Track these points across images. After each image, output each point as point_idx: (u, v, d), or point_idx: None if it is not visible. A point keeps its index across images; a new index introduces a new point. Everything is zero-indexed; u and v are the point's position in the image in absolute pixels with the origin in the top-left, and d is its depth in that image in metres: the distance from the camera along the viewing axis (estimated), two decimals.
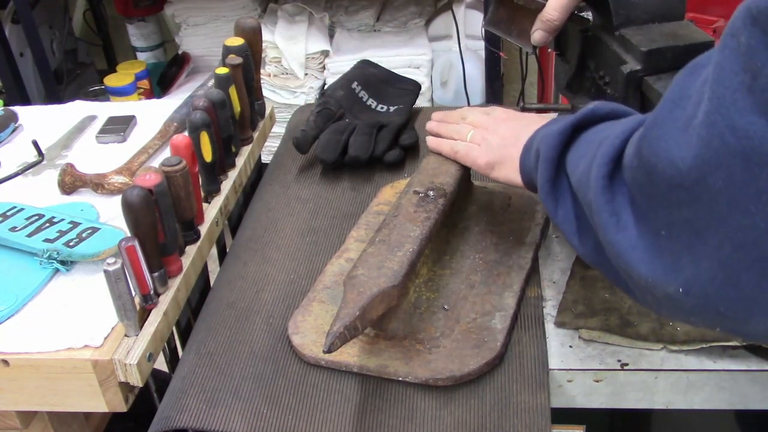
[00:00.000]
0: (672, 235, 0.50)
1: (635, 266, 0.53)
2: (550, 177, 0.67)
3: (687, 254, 0.49)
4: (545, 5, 0.88)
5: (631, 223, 0.53)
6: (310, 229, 0.96)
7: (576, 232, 0.64)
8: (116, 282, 0.71)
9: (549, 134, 0.68)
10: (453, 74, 2.23)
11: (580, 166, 0.62)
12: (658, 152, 0.49)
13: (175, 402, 0.72)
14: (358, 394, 0.71)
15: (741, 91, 0.43)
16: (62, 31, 2.52)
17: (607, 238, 0.55)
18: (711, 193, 0.45)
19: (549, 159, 0.67)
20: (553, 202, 0.67)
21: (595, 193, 0.56)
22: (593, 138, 0.63)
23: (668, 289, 0.51)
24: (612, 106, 0.67)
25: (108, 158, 1.06)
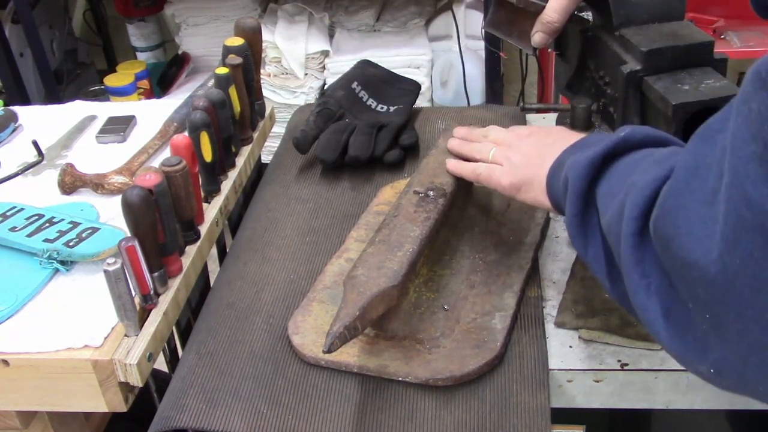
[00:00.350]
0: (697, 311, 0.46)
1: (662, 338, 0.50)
2: (578, 211, 0.63)
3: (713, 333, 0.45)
4: (545, 7, 0.88)
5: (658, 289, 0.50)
6: (310, 229, 0.96)
7: (607, 274, 0.60)
8: (116, 282, 0.71)
9: (578, 164, 0.63)
10: (453, 74, 2.23)
11: (610, 207, 0.58)
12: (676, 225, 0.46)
13: (175, 402, 0.72)
14: (358, 394, 0.71)
15: (753, 162, 0.40)
16: (62, 31, 2.52)
17: (635, 301, 0.52)
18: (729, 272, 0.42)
19: (578, 192, 0.63)
20: (582, 239, 0.63)
21: (625, 250, 0.52)
22: (626, 173, 0.59)
23: (699, 367, 0.48)
24: (644, 132, 0.63)
25: (108, 158, 1.06)
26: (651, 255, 0.50)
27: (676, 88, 0.81)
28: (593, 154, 0.62)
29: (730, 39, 2.10)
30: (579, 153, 0.66)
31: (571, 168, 0.64)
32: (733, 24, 2.15)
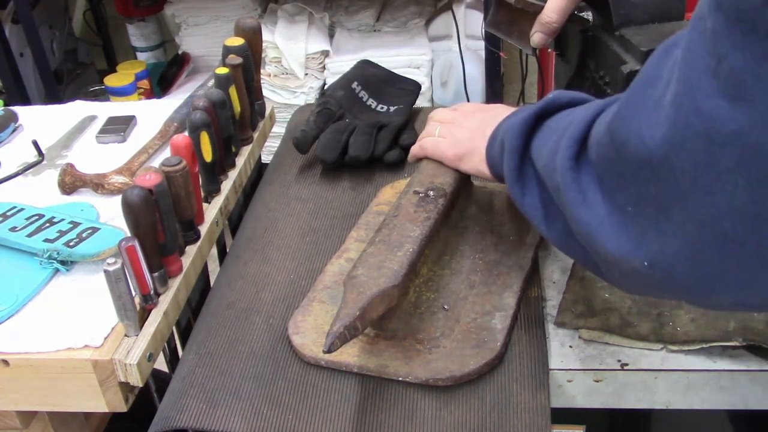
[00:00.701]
0: (638, 210, 0.51)
1: (603, 242, 0.54)
2: (515, 165, 0.69)
3: (653, 229, 0.50)
4: (543, 8, 0.88)
5: (597, 200, 0.55)
6: (310, 229, 0.96)
7: (543, 218, 0.66)
8: (116, 282, 0.71)
9: (513, 125, 0.70)
10: (453, 74, 2.23)
11: (544, 152, 0.64)
12: (629, 130, 0.50)
13: (175, 402, 0.72)
14: (358, 394, 0.71)
15: (707, 75, 0.44)
16: (62, 31, 2.52)
17: (574, 216, 0.57)
18: (676, 172, 0.47)
19: (514, 148, 0.69)
20: (520, 189, 0.69)
21: (562, 173, 0.58)
22: (556, 125, 0.65)
23: (634, 263, 0.52)
24: (572, 95, 0.70)
25: (108, 158, 1.06)
26: (586, 175, 0.56)
27: None
28: (526, 115, 0.69)
29: None
30: (513, 118, 0.73)
31: (507, 130, 0.72)
32: None
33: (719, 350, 0.74)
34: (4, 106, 1.21)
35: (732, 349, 0.74)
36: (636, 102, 0.51)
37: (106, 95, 2.37)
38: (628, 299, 0.80)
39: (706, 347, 0.74)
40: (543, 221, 0.66)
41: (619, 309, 0.79)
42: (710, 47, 0.44)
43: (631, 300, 0.79)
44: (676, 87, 0.46)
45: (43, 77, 2.26)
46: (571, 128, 0.59)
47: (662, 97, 0.48)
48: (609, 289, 0.81)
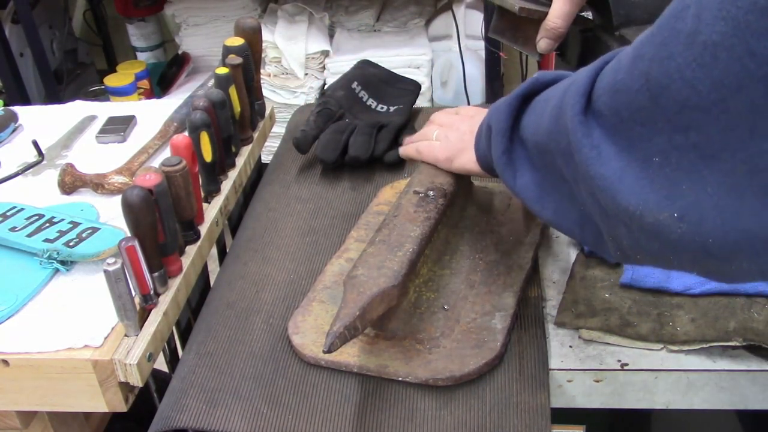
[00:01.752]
0: (669, 161, 0.49)
1: (622, 197, 0.52)
2: (505, 149, 0.68)
3: (687, 180, 0.48)
4: (547, 14, 0.88)
5: (613, 153, 0.53)
6: (310, 229, 0.96)
7: (537, 198, 0.66)
8: (116, 282, 0.71)
9: (497, 109, 0.69)
10: (453, 74, 2.23)
11: (543, 121, 0.62)
12: (669, 72, 0.47)
13: (175, 402, 0.72)
14: (358, 394, 0.71)
15: (753, 13, 0.42)
16: (62, 31, 2.52)
17: (590, 172, 0.55)
18: (731, 115, 0.44)
19: (501, 131, 0.68)
20: (511, 172, 0.68)
21: (573, 131, 0.56)
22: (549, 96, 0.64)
23: (660, 215, 0.50)
24: (555, 73, 0.68)
25: (108, 158, 1.06)
26: (597, 130, 0.54)
27: None
28: (510, 97, 0.68)
29: None
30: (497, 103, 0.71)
31: (492, 115, 0.70)
32: None
33: (719, 350, 0.74)
34: (4, 106, 1.21)
35: (732, 349, 0.74)
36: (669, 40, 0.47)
37: (106, 95, 2.37)
38: (628, 299, 0.80)
39: (706, 347, 0.74)
40: (537, 201, 0.66)
41: (619, 309, 0.79)
42: None
43: (631, 300, 0.79)
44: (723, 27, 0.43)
45: (43, 77, 2.26)
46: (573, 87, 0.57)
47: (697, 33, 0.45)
48: (609, 289, 0.81)
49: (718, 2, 0.44)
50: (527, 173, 0.67)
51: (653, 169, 0.50)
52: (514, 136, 0.68)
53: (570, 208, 0.61)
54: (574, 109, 0.56)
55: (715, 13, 0.44)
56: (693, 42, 0.46)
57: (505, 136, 0.68)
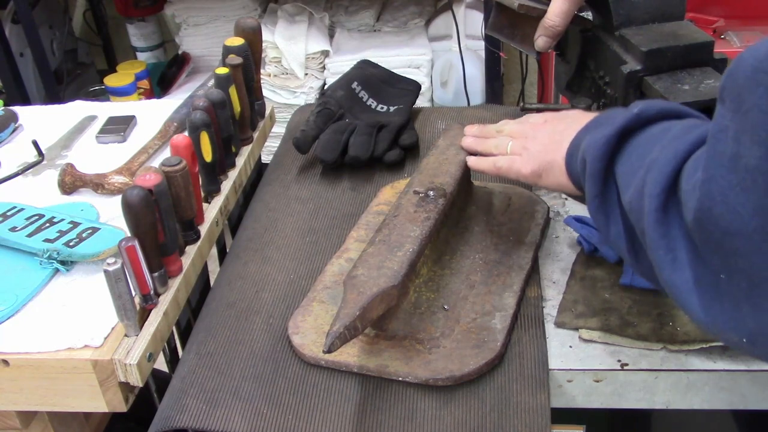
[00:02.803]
0: (731, 281, 0.47)
1: (694, 309, 0.50)
2: (598, 192, 0.63)
3: (747, 303, 0.47)
4: (545, 12, 0.88)
5: (686, 262, 0.50)
6: (310, 229, 0.96)
7: (630, 250, 0.61)
8: (116, 282, 0.71)
9: (594, 144, 0.64)
10: (453, 74, 2.23)
11: (631, 185, 0.58)
12: (711, 195, 0.46)
13: (175, 402, 0.72)
14: (358, 394, 0.71)
15: None
16: (62, 31, 2.52)
17: (663, 275, 0.53)
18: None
19: (596, 172, 0.63)
20: (604, 218, 0.63)
21: (648, 225, 0.53)
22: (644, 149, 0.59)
23: (731, 338, 0.49)
24: (659, 106, 0.63)
25: (108, 158, 1.06)
26: (675, 229, 0.51)
27: (676, 88, 0.81)
28: (609, 133, 0.62)
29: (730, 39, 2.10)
30: (594, 131, 0.66)
31: (588, 148, 0.65)
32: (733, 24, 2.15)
33: (719, 350, 0.74)
34: (4, 106, 1.21)
35: (732, 349, 0.74)
36: (711, 162, 0.46)
37: (106, 95, 2.37)
38: (628, 299, 0.80)
39: (706, 347, 0.74)
40: (631, 254, 0.61)
41: (619, 309, 0.79)
42: None
43: (631, 300, 0.79)
44: (759, 151, 0.43)
45: (43, 77, 2.26)
46: (654, 171, 0.53)
47: (737, 156, 0.44)
48: (609, 289, 0.81)
49: (751, 126, 0.43)
50: (620, 222, 0.61)
51: (721, 287, 0.48)
52: (609, 177, 0.63)
53: None
54: (653, 203, 0.53)
55: (750, 136, 0.43)
56: (735, 166, 0.45)
57: (598, 178, 0.63)
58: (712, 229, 0.46)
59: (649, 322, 0.77)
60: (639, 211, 0.55)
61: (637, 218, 0.57)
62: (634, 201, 0.57)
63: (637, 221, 0.57)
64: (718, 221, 0.46)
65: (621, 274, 0.82)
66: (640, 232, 0.56)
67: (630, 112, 0.63)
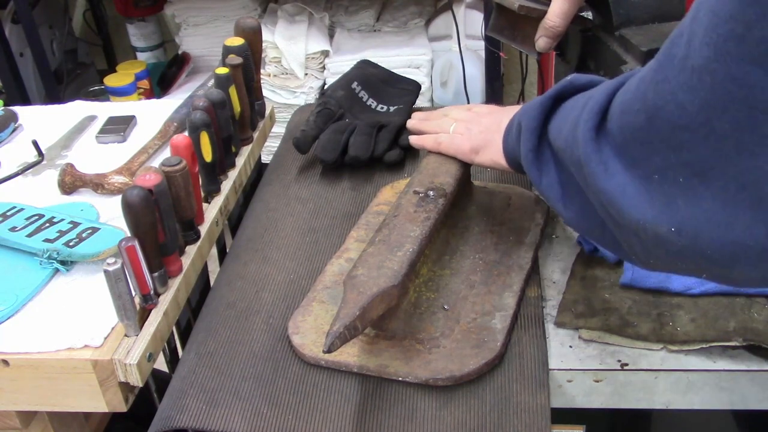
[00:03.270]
0: (666, 178, 0.52)
1: (627, 210, 0.55)
2: (533, 146, 0.70)
3: (682, 196, 0.51)
4: (546, 12, 0.88)
5: (619, 169, 0.55)
6: (310, 229, 0.96)
7: (561, 198, 0.67)
8: (116, 282, 0.71)
9: (530, 107, 0.71)
10: (453, 74, 2.23)
11: (564, 129, 0.64)
12: (663, 95, 0.50)
13: (175, 402, 0.72)
14: (358, 394, 0.71)
15: (733, 40, 0.44)
16: (62, 31, 2.52)
17: (597, 186, 0.57)
18: (718, 135, 0.47)
19: (531, 129, 0.70)
20: (537, 170, 0.70)
21: (583, 144, 0.58)
22: (574, 104, 0.66)
23: (660, 229, 0.53)
24: (589, 78, 0.70)
25: (108, 158, 1.06)
26: (607, 147, 0.57)
27: None
28: (543, 98, 0.70)
29: None
30: (530, 102, 0.73)
31: (524, 114, 0.72)
32: None
33: (719, 350, 0.74)
34: (4, 106, 1.21)
35: (732, 349, 0.74)
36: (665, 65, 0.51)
37: (106, 95, 2.37)
38: (628, 299, 0.80)
39: (706, 347, 0.74)
40: (560, 201, 0.67)
41: (619, 309, 0.79)
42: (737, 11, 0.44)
43: (631, 300, 0.79)
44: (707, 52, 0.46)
45: (43, 77, 2.26)
46: (590, 102, 0.59)
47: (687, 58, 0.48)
48: (609, 289, 0.81)
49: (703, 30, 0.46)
50: (553, 173, 0.68)
51: (653, 186, 0.53)
52: (543, 135, 0.70)
53: (591, 212, 0.62)
54: (587, 124, 0.58)
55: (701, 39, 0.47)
56: (683, 66, 0.48)
57: (534, 134, 0.70)
58: (662, 126, 0.50)
59: (649, 322, 0.77)
60: (573, 142, 0.61)
61: (571, 150, 0.62)
62: (569, 136, 0.62)
63: (571, 153, 0.62)
64: (669, 118, 0.50)
65: (621, 274, 0.82)
66: (573, 163, 0.61)
67: (563, 81, 0.70)
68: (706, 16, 0.47)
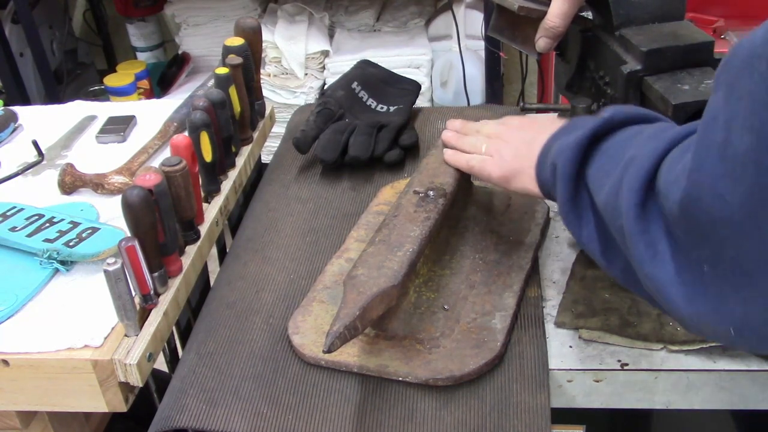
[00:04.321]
0: (716, 272, 0.46)
1: (677, 304, 0.50)
2: (570, 196, 0.64)
3: (734, 294, 0.46)
4: (546, 13, 0.88)
5: (668, 256, 0.50)
6: (310, 229, 0.96)
7: (603, 252, 0.61)
8: (116, 282, 0.71)
9: (565, 147, 0.64)
10: (453, 74, 2.23)
11: (605, 185, 0.58)
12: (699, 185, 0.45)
13: (175, 402, 0.72)
14: (358, 394, 0.71)
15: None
16: (62, 31, 2.52)
17: (643, 270, 0.52)
18: (762, 232, 0.43)
19: (567, 176, 0.63)
20: (576, 221, 0.63)
21: (627, 221, 0.53)
22: (616, 152, 0.60)
23: (717, 328, 0.48)
24: (628, 111, 0.64)
25: (108, 158, 1.06)
26: (655, 224, 0.51)
27: (676, 88, 0.81)
28: (580, 137, 0.63)
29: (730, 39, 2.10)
30: (565, 137, 0.67)
31: (559, 153, 0.65)
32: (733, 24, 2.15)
33: (719, 350, 0.74)
34: (4, 106, 1.20)
35: (732, 349, 0.74)
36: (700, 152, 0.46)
37: (106, 95, 2.37)
38: (628, 299, 0.80)
39: (706, 347, 0.73)
40: (603, 256, 0.61)
41: (619, 309, 0.79)
42: None
43: (631, 300, 0.79)
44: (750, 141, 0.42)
45: (43, 77, 2.26)
46: (634, 167, 0.53)
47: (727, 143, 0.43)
48: (609, 289, 0.81)
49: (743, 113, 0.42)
50: (592, 225, 0.62)
51: (705, 279, 0.47)
52: (580, 182, 0.64)
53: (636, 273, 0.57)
54: (632, 199, 0.52)
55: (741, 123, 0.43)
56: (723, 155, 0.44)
57: (570, 181, 0.63)
58: (701, 219, 0.46)
59: (649, 322, 0.77)
60: (615, 209, 0.55)
61: (612, 217, 0.56)
62: (610, 200, 0.57)
63: (612, 220, 0.57)
64: (707, 210, 0.45)
65: None
66: (617, 231, 0.56)
67: (600, 117, 0.64)
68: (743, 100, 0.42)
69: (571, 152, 0.63)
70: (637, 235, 0.52)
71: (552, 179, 0.67)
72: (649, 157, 0.53)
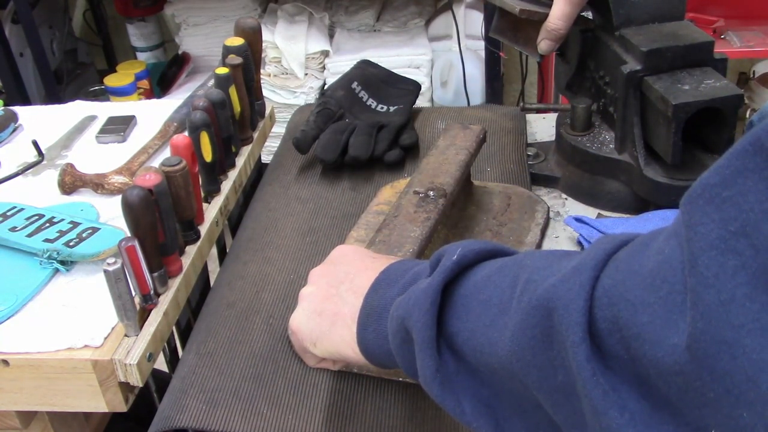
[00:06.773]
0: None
1: None
2: (437, 366, 0.50)
3: None
4: (548, 15, 0.88)
5: (654, 422, 0.38)
6: (310, 229, 0.96)
7: (496, 424, 0.49)
8: (116, 282, 0.71)
9: (415, 310, 0.51)
10: (453, 74, 2.23)
11: (495, 340, 0.46)
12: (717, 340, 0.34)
13: (175, 402, 0.72)
14: (358, 395, 0.71)
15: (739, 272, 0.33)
16: (62, 31, 2.52)
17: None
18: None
19: (429, 342, 0.50)
20: (453, 396, 0.50)
21: (586, 386, 0.40)
22: (487, 296, 0.49)
23: None
24: (474, 248, 0.53)
25: (108, 158, 1.06)
26: (620, 378, 0.39)
27: (676, 88, 0.81)
28: (430, 294, 0.51)
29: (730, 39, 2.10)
30: (404, 296, 0.54)
31: (408, 317, 0.52)
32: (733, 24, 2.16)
33: None
34: (4, 106, 1.21)
35: None
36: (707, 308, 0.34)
37: (106, 95, 2.37)
38: None
39: None
40: (499, 428, 0.49)
41: None
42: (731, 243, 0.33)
43: None
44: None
45: (43, 77, 2.26)
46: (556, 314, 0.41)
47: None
48: None
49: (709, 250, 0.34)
50: (473, 395, 0.50)
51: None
52: (442, 346, 0.51)
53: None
54: (579, 354, 0.40)
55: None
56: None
57: (434, 348, 0.50)
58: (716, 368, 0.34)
59: None
60: (546, 365, 0.43)
61: (545, 372, 0.43)
62: (526, 357, 0.44)
63: (544, 377, 0.43)
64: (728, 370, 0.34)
65: None
66: (554, 388, 0.43)
67: (447, 262, 0.52)
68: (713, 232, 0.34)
69: (425, 313, 0.50)
70: (600, 399, 0.39)
71: (402, 349, 0.54)
72: (575, 299, 0.41)
